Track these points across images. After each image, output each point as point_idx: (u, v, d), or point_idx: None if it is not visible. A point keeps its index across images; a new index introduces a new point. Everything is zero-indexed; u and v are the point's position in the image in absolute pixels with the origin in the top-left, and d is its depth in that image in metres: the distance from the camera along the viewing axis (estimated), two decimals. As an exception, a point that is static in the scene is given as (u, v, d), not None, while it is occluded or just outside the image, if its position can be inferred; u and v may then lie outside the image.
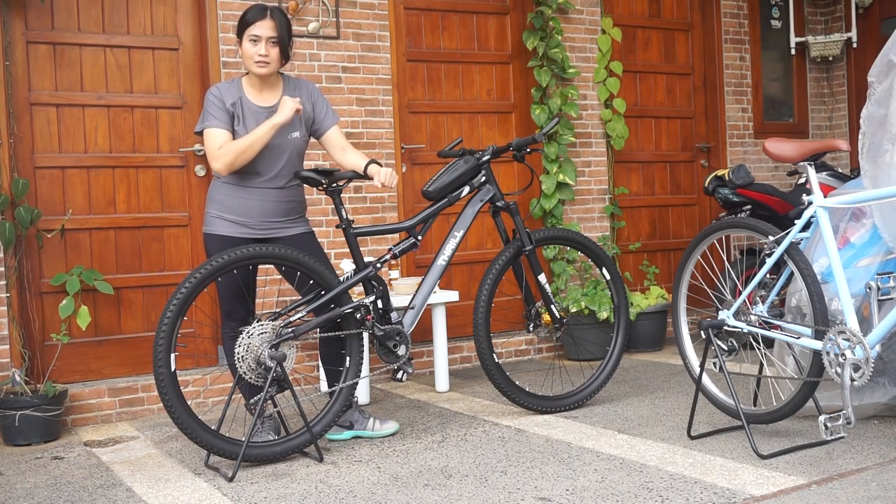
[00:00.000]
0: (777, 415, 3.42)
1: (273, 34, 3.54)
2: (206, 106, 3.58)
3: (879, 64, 3.41)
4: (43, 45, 4.45)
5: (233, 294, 3.60)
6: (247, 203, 3.57)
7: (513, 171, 5.71)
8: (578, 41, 5.86)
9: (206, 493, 3.14)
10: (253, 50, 3.54)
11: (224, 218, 3.58)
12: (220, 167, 3.51)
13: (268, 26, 3.53)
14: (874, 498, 2.73)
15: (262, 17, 3.54)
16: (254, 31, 3.53)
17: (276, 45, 3.56)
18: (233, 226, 3.58)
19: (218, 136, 3.53)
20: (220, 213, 3.59)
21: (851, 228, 3.65)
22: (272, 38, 3.54)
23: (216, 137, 3.53)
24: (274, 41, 3.55)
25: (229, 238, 3.57)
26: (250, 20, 3.55)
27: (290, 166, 3.64)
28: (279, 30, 3.55)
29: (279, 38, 3.55)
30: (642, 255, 6.21)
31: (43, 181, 4.45)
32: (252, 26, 3.54)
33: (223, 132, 3.54)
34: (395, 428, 3.83)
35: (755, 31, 6.67)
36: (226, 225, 3.58)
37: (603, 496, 2.88)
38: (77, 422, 4.32)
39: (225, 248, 3.50)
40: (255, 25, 3.53)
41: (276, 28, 3.54)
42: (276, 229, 3.64)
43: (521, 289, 4.03)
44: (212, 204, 3.62)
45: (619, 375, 4.86)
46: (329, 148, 3.77)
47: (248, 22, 3.55)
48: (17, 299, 4.28)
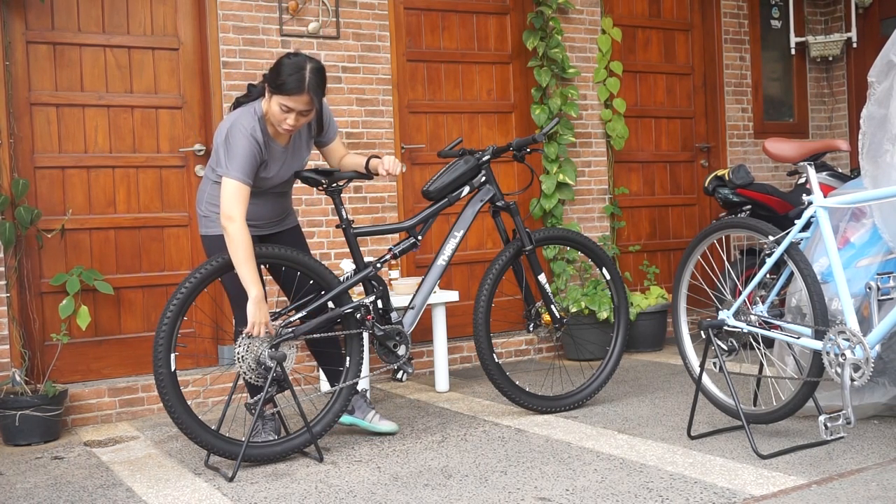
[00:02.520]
0: (777, 415, 3.42)
1: (306, 108, 3.36)
2: (238, 149, 3.32)
3: (879, 64, 3.41)
4: (43, 45, 4.45)
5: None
6: (252, 209, 3.46)
7: (513, 171, 5.71)
8: (578, 41, 5.86)
9: (206, 493, 3.14)
10: (281, 116, 3.36)
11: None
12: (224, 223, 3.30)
13: (302, 101, 3.34)
14: (874, 498, 2.73)
15: (300, 93, 3.31)
16: (286, 103, 3.33)
17: (307, 115, 3.40)
18: None
19: (241, 197, 3.30)
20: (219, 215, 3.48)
21: (851, 228, 3.65)
22: (304, 111, 3.38)
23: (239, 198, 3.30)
24: (306, 113, 3.39)
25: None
26: (286, 90, 3.30)
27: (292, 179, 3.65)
28: (314, 104, 3.36)
29: (312, 112, 3.40)
30: (642, 255, 6.21)
31: (43, 181, 4.45)
32: (285, 97, 3.32)
33: (247, 190, 3.33)
34: (392, 428, 3.83)
35: (755, 31, 6.67)
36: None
37: (603, 496, 2.88)
38: (77, 422, 4.32)
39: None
40: (290, 98, 3.32)
41: (310, 103, 3.35)
42: (274, 225, 3.67)
43: (521, 289, 4.03)
44: (211, 206, 3.54)
45: (619, 375, 4.86)
46: (330, 159, 3.78)
47: (283, 90, 3.31)
48: (17, 299, 4.28)
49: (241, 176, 3.31)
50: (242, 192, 3.31)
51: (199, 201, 3.62)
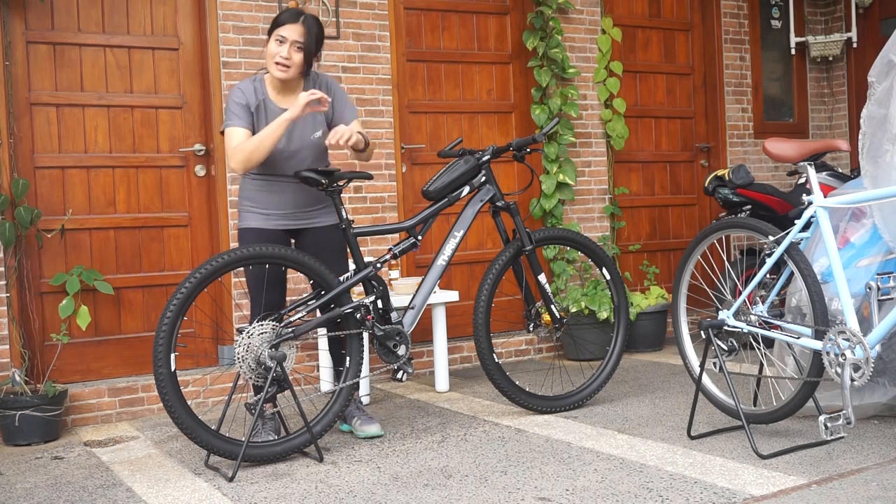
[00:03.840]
0: (777, 415, 3.42)
1: (300, 39, 3.53)
2: (229, 105, 3.58)
3: (879, 64, 3.41)
4: (43, 45, 4.45)
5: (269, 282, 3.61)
6: (277, 197, 3.65)
7: (513, 171, 5.71)
8: (578, 41, 5.86)
9: (206, 493, 3.14)
10: (276, 50, 3.54)
11: (255, 211, 3.68)
12: (235, 165, 3.54)
13: (297, 31, 3.53)
14: (874, 498, 2.73)
15: (294, 21, 3.54)
16: (281, 32, 3.53)
17: (301, 50, 3.55)
18: (264, 219, 3.67)
19: (236, 135, 3.53)
20: (250, 207, 3.69)
21: (851, 228, 3.65)
22: (298, 42, 3.53)
23: (234, 136, 3.53)
24: (299, 46, 3.54)
25: (261, 230, 3.66)
26: (282, 21, 3.55)
27: (314, 164, 3.70)
28: (307, 37, 3.54)
29: (305, 45, 3.54)
30: (642, 255, 6.21)
31: (43, 181, 4.45)
32: (281, 27, 3.53)
33: (242, 131, 3.54)
34: (375, 432, 3.78)
35: (755, 31, 6.67)
36: (257, 218, 3.67)
37: (603, 496, 2.88)
38: (77, 422, 4.32)
39: (258, 240, 3.62)
40: (285, 27, 3.53)
41: (304, 34, 3.53)
42: (305, 219, 3.71)
43: (521, 289, 4.03)
44: (243, 200, 3.71)
45: (619, 375, 4.86)
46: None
47: (279, 22, 3.56)
48: (17, 299, 4.28)
49: (230, 121, 3.55)
50: (236, 134, 3.52)
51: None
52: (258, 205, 3.67)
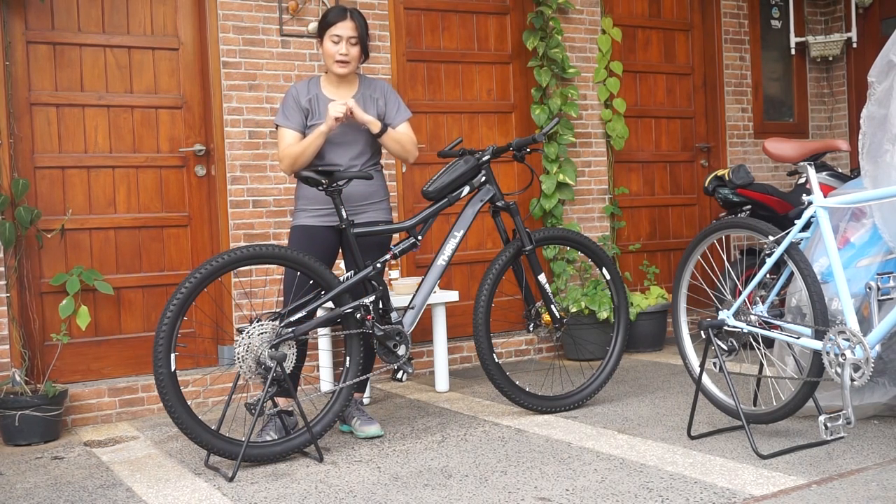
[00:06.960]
0: (777, 415, 3.42)
1: (353, 34, 3.71)
2: (283, 103, 3.77)
3: (879, 64, 3.41)
4: (43, 45, 4.45)
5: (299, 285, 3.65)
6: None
7: (513, 171, 5.71)
8: (578, 41, 5.86)
9: (206, 493, 3.14)
10: (334, 49, 3.70)
11: (306, 209, 3.77)
12: (283, 168, 3.74)
13: (349, 27, 3.70)
14: (874, 498, 2.73)
15: (343, 19, 3.71)
16: (335, 32, 3.69)
17: (357, 44, 3.73)
18: (314, 217, 3.75)
19: (286, 137, 3.71)
20: (303, 205, 3.78)
21: (851, 228, 3.65)
22: (352, 37, 3.71)
23: (284, 138, 3.72)
24: (354, 41, 3.71)
25: (310, 227, 3.75)
26: (332, 21, 3.71)
27: (366, 154, 3.81)
28: (359, 30, 3.73)
29: (359, 38, 3.73)
30: (642, 255, 6.21)
31: (43, 181, 4.45)
32: (334, 27, 3.70)
33: (292, 133, 3.71)
34: (375, 432, 3.79)
35: (755, 31, 6.67)
36: (306, 215, 3.77)
37: (603, 496, 2.88)
38: (77, 422, 4.32)
39: (307, 237, 3.72)
40: (337, 26, 3.69)
41: (356, 28, 3.71)
42: (353, 214, 3.77)
43: (521, 289, 4.03)
44: (297, 200, 3.83)
45: (619, 375, 4.86)
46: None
47: (330, 22, 3.71)
48: (17, 299, 4.28)
49: (281, 122, 3.74)
50: (285, 136, 3.71)
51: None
52: (310, 202, 3.76)
